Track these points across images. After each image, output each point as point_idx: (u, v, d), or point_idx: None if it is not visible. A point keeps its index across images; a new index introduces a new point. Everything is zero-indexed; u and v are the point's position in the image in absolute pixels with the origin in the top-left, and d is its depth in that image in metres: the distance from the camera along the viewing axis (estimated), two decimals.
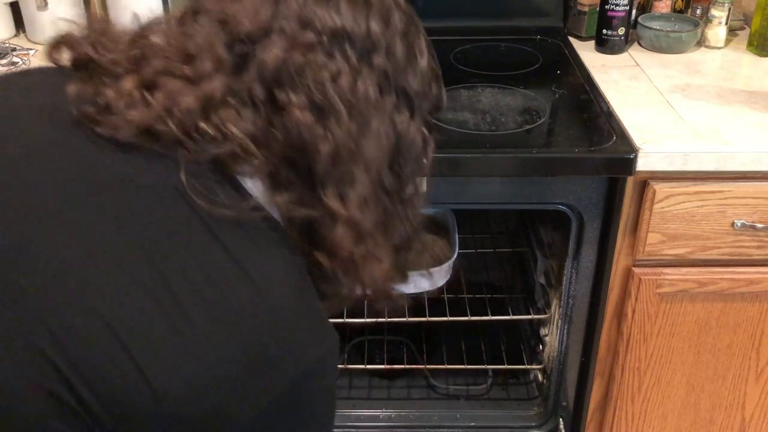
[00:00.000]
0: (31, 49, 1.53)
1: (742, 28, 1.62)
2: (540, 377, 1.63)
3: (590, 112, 1.31)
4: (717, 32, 1.53)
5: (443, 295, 1.58)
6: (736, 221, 1.23)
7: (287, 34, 0.61)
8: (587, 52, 1.54)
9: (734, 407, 1.44)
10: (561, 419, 1.50)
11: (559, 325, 1.41)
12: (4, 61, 1.48)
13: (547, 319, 1.53)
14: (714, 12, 1.52)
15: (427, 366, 1.65)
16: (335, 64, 0.62)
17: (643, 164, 1.18)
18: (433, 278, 1.41)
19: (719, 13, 1.51)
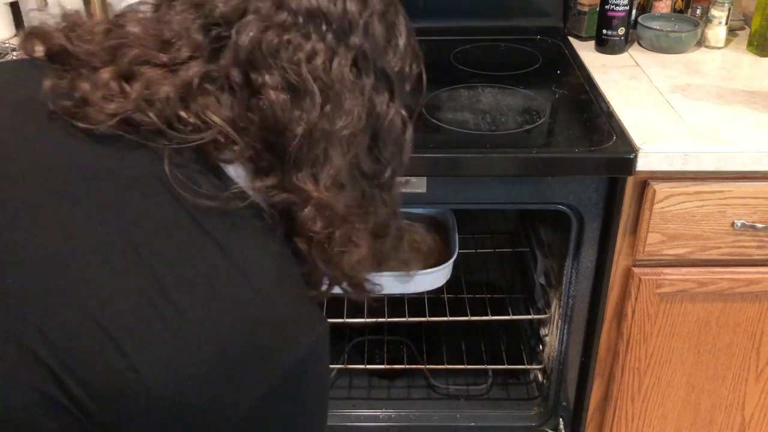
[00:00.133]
0: None
1: (742, 28, 1.62)
2: (540, 377, 1.63)
3: (590, 112, 1.31)
4: (717, 32, 1.53)
5: (443, 295, 1.58)
6: (736, 221, 1.23)
7: (262, 15, 0.60)
8: (587, 52, 1.54)
9: (734, 407, 1.44)
10: (561, 419, 1.50)
11: (559, 325, 1.41)
12: (3, 61, 1.48)
13: (547, 319, 1.53)
14: (714, 12, 1.52)
15: (427, 366, 1.65)
16: (311, 45, 0.61)
17: (643, 164, 1.18)
18: (433, 278, 1.41)
19: (719, 13, 1.51)
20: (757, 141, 1.20)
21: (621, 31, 1.51)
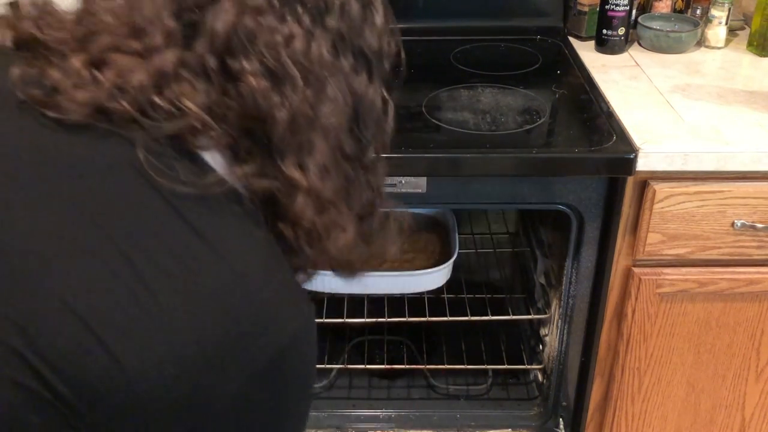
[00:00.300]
0: None
1: (742, 28, 1.62)
2: (540, 377, 1.63)
3: (590, 112, 1.31)
4: (717, 32, 1.53)
5: (443, 295, 1.58)
6: (736, 221, 1.23)
7: None
8: (587, 52, 1.54)
9: (734, 407, 1.44)
10: (561, 419, 1.50)
11: (559, 325, 1.41)
12: None
13: (547, 319, 1.53)
14: (714, 12, 1.52)
15: (427, 366, 1.65)
16: (287, 27, 0.59)
17: (643, 164, 1.18)
18: (433, 278, 1.41)
19: (719, 13, 1.51)
20: (757, 141, 1.20)
21: (621, 31, 1.51)
